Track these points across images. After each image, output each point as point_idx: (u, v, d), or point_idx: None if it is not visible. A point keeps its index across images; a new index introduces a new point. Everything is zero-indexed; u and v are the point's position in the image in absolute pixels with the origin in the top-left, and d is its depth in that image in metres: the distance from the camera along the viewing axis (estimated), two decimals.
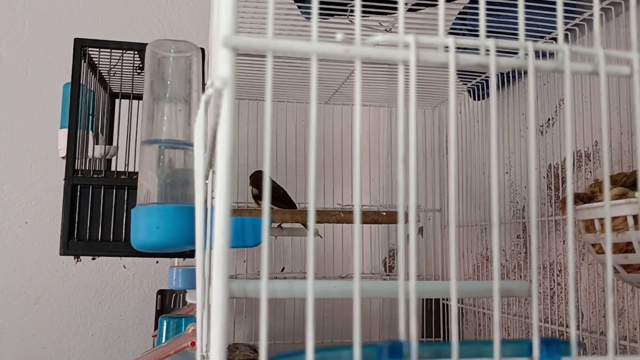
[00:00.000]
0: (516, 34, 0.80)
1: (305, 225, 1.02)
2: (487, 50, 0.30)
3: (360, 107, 0.29)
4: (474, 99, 1.27)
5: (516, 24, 0.75)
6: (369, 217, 0.98)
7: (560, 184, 1.00)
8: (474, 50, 0.30)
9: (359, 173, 0.28)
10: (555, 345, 0.29)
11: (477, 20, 0.31)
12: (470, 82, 1.25)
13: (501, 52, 0.30)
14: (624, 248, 0.54)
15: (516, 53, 0.31)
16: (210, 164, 0.46)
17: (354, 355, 0.27)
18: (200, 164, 0.38)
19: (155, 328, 1.17)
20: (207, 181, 0.52)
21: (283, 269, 1.44)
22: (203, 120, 0.36)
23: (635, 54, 0.31)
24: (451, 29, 0.98)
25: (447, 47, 0.29)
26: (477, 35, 0.31)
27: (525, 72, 0.29)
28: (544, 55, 0.74)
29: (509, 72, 1.14)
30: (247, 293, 0.46)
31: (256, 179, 1.18)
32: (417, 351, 0.27)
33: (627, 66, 0.31)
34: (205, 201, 0.52)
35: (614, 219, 0.54)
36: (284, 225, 1.16)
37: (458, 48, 0.29)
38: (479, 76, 1.21)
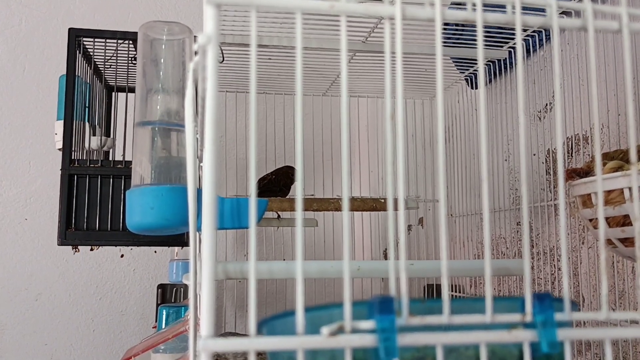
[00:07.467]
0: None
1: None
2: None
3: (346, 66, 0.28)
4: (472, 88, 1.26)
5: None
6: (368, 205, 0.98)
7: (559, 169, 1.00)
8: (497, 8, 0.30)
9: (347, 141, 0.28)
10: (548, 302, 0.29)
11: None
12: (467, 70, 1.24)
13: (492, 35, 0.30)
14: (622, 221, 0.54)
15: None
16: (203, 142, 0.46)
17: (345, 312, 0.27)
18: (191, 135, 0.38)
19: (156, 320, 1.17)
20: (201, 164, 0.52)
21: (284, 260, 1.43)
22: (192, 88, 0.35)
23: None
24: None
25: (432, 3, 0.29)
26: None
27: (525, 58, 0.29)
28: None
29: (505, 59, 1.13)
30: (244, 274, 0.46)
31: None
32: (408, 307, 0.27)
33: None
34: (199, 180, 0.52)
35: (610, 192, 0.54)
36: (283, 215, 1.15)
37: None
38: (476, 64, 1.21)
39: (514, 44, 1.10)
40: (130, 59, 0.95)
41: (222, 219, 0.53)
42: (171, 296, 1.34)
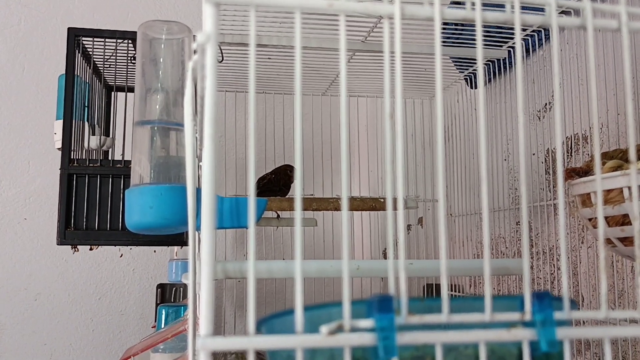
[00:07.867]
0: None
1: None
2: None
3: (345, 66, 0.28)
4: (471, 87, 1.26)
5: None
6: (367, 204, 0.98)
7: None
8: (496, 7, 0.30)
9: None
10: (547, 301, 0.28)
11: None
12: (466, 69, 1.24)
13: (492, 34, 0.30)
14: (621, 221, 0.54)
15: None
16: (202, 142, 0.46)
17: (344, 311, 0.27)
18: (190, 134, 0.37)
19: (155, 320, 1.17)
20: (200, 163, 0.52)
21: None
22: (191, 87, 0.35)
23: None
24: None
25: (431, 2, 0.29)
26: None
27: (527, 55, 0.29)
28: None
29: (504, 58, 1.13)
30: (243, 273, 0.46)
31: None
32: (407, 306, 0.27)
33: None
34: (198, 180, 0.52)
35: (609, 191, 0.54)
36: (282, 215, 1.15)
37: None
38: (475, 63, 1.21)
39: (514, 43, 1.10)
40: (129, 58, 0.95)
41: (221, 219, 0.53)
42: (170, 296, 1.34)
